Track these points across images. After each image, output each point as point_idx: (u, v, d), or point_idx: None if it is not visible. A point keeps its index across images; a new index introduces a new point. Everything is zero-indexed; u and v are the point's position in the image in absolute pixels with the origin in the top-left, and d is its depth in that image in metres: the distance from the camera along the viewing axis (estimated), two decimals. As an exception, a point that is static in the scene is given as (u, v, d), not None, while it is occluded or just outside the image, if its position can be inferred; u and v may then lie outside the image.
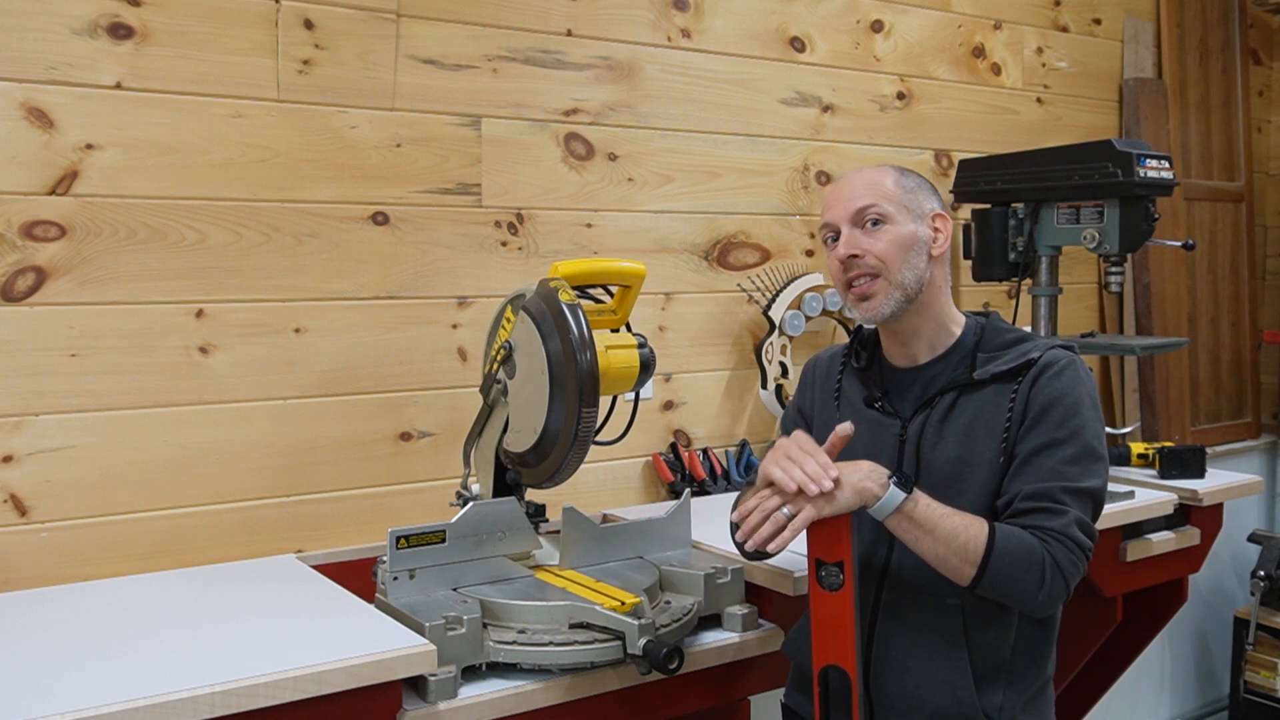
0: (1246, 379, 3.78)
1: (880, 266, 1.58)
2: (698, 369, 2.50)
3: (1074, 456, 1.52)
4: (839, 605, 1.50)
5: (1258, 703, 3.51)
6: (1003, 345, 1.62)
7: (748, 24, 2.55)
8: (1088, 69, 3.27)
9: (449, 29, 2.14)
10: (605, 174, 2.35)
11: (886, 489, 1.47)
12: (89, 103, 1.81)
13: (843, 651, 1.51)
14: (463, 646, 1.55)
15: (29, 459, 1.78)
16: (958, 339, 1.64)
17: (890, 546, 1.59)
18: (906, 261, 1.59)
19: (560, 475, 1.73)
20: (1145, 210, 2.32)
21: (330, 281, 2.03)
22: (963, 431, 1.57)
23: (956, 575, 1.48)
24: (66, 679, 1.36)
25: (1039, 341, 1.61)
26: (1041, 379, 1.55)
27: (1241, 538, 3.57)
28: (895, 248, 1.59)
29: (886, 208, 1.60)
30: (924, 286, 1.60)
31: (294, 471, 2.00)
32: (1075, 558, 1.49)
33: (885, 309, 1.59)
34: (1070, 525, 1.49)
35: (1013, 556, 1.46)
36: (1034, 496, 1.50)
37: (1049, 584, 1.47)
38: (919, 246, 1.60)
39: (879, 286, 1.59)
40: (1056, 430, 1.53)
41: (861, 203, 1.60)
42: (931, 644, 1.57)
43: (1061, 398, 1.54)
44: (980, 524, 1.48)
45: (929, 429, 1.59)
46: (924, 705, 1.56)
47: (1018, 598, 1.49)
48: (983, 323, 1.66)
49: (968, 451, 1.56)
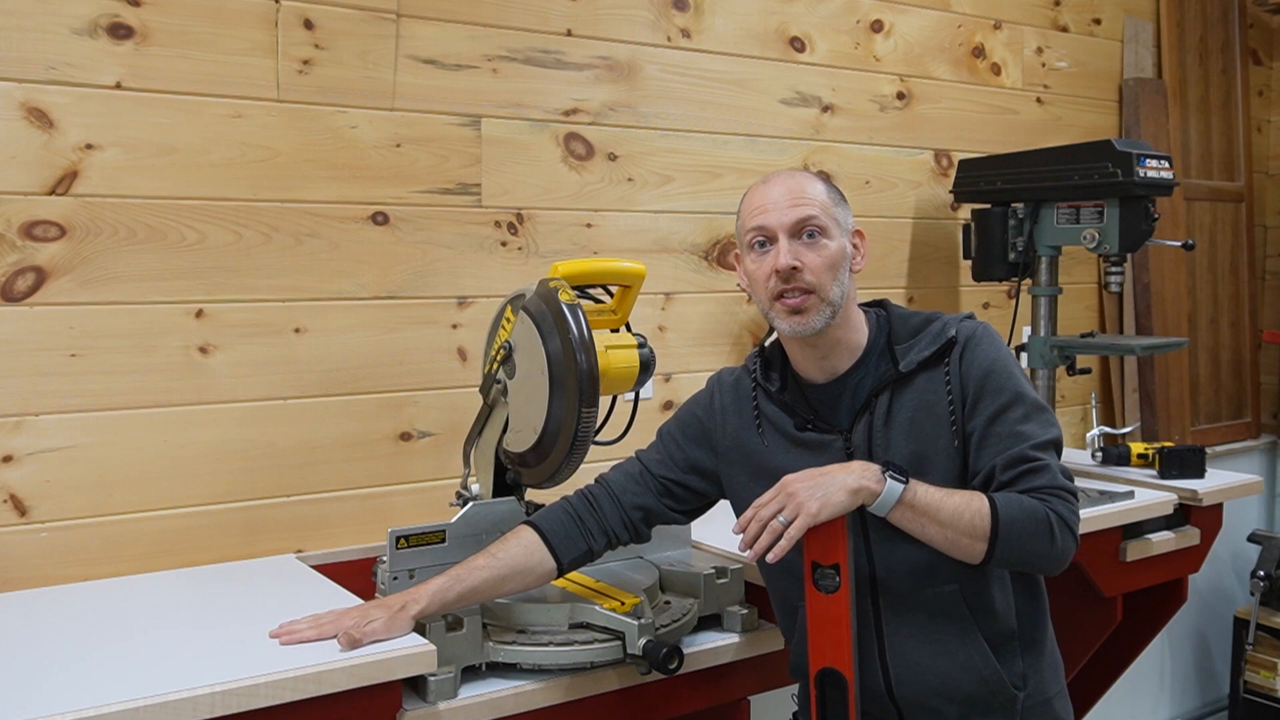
0: (1246, 379, 3.78)
1: (815, 284, 1.56)
2: (698, 369, 2.50)
3: (1024, 415, 1.54)
4: (835, 608, 1.49)
5: (1258, 703, 3.51)
6: (913, 331, 1.62)
7: (747, 24, 2.55)
8: (1088, 69, 3.27)
9: (449, 29, 2.14)
10: (605, 174, 2.35)
11: (884, 483, 1.46)
12: (89, 103, 1.81)
13: (839, 654, 1.50)
14: (463, 646, 1.55)
15: (29, 459, 1.78)
16: (869, 339, 1.63)
17: (870, 554, 1.57)
18: (837, 279, 1.57)
19: (560, 475, 1.73)
20: (1145, 210, 2.32)
21: (330, 281, 2.03)
22: (908, 426, 1.57)
23: (968, 554, 1.48)
24: (66, 679, 1.36)
25: (947, 319, 1.61)
26: (966, 354, 1.57)
27: (1241, 538, 3.57)
28: (829, 265, 1.56)
29: (824, 220, 1.57)
30: (846, 301, 1.59)
31: (294, 471, 2.00)
32: (1072, 505, 1.51)
33: (816, 324, 1.57)
34: (1056, 476, 1.51)
35: (1019, 522, 1.47)
36: (1010, 464, 1.51)
37: (1060, 538, 1.48)
38: (844, 263, 1.59)
39: (812, 303, 1.56)
40: (999, 397, 1.54)
41: (804, 212, 1.56)
42: (943, 635, 1.56)
43: (991, 365, 1.56)
44: (979, 497, 1.49)
45: (875, 434, 1.58)
46: (954, 695, 1.56)
47: (1033, 560, 1.50)
48: (883, 315, 1.66)
49: (920, 445, 1.56)
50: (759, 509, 1.48)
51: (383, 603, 1.53)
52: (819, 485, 1.46)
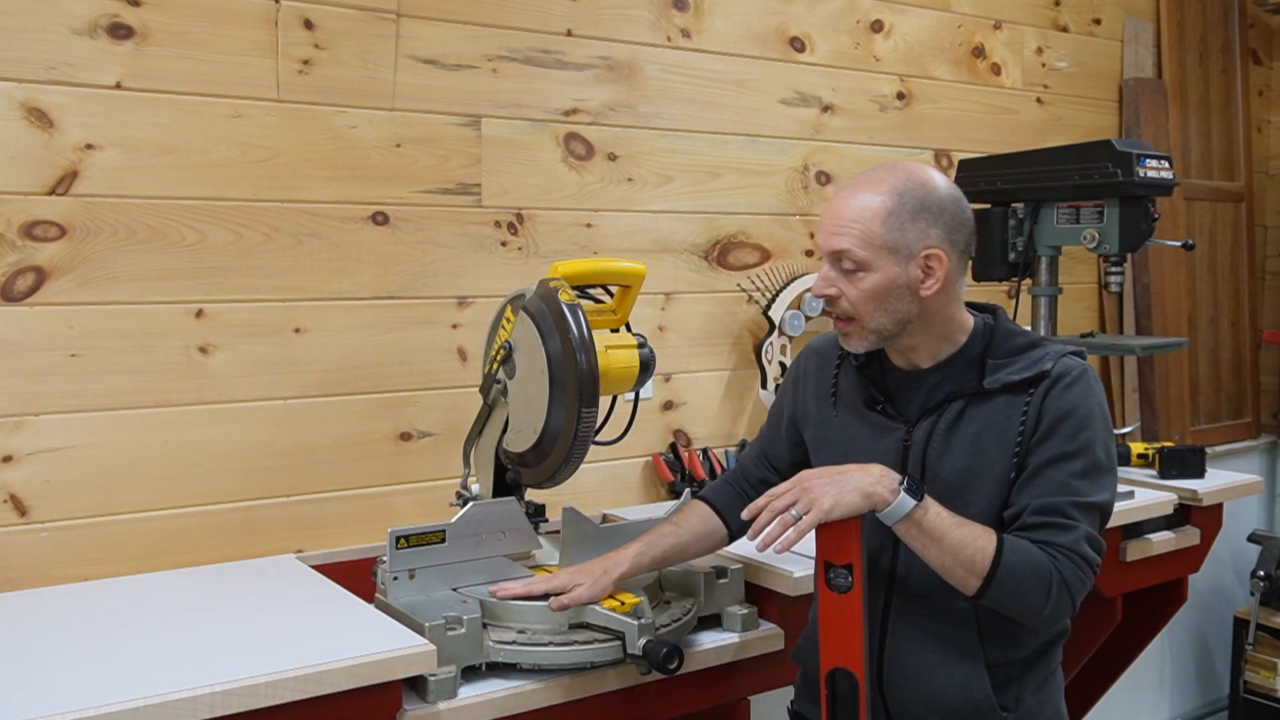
0: (1246, 379, 3.78)
1: (852, 313, 1.54)
2: (698, 369, 2.50)
3: (1083, 470, 1.49)
4: (847, 608, 1.49)
5: (1258, 703, 3.51)
6: (1012, 352, 1.56)
7: (747, 24, 2.55)
8: (1088, 69, 3.27)
9: (449, 29, 2.14)
10: (605, 174, 2.35)
11: (897, 495, 1.45)
12: (89, 103, 1.81)
13: (850, 654, 1.50)
14: (463, 646, 1.55)
15: (29, 459, 1.78)
16: (963, 345, 1.59)
17: (895, 550, 1.57)
18: (882, 308, 1.53)
19: (560, 475, 1.73)
20: (1145, 210, 2.32)
21: (330, 281, 2.03)
22: (971, 442, 1.53)
23: (961, 585, 1.47)
24: (66, 679, 1.36)
25: (1050, 348, 1.56)
26: (1054, 390, 1.51)
27: (1241, 538, 3.57)
28: (868, 297, 1.52)
29: (861, 254, 1.50)
30: (911, 320, 1.54)
31: (294, 471, 2.00)
32: (1083, 574, 1.47)
33: (861, 347, 1.57)
34: (1079, 541, 1.46)
35: (1020, 572, 1.44)
36: (1043, 511, 1.48)
37: (1055, 600, 1.45)
38: (898, 292, 1.52)
39: (853, 329, 1.56)
40: (1067, 444, 1.49)
41: (837, 245, 1.52)
42: (945, 649, 1.55)
43: (1074, 410, 1.50)
44: (989, 536, 1.46)
45: (936, 437, 1.55)
46: (940, 708, 1.55)
47: (1022, 612, 1.47)
48: (990, 324, 1.60)
49: (977, 463, 1.53)
50: (772, 499, 1.48)
51: (584, 568, 1.65)
52: (835, 483, 1.46)
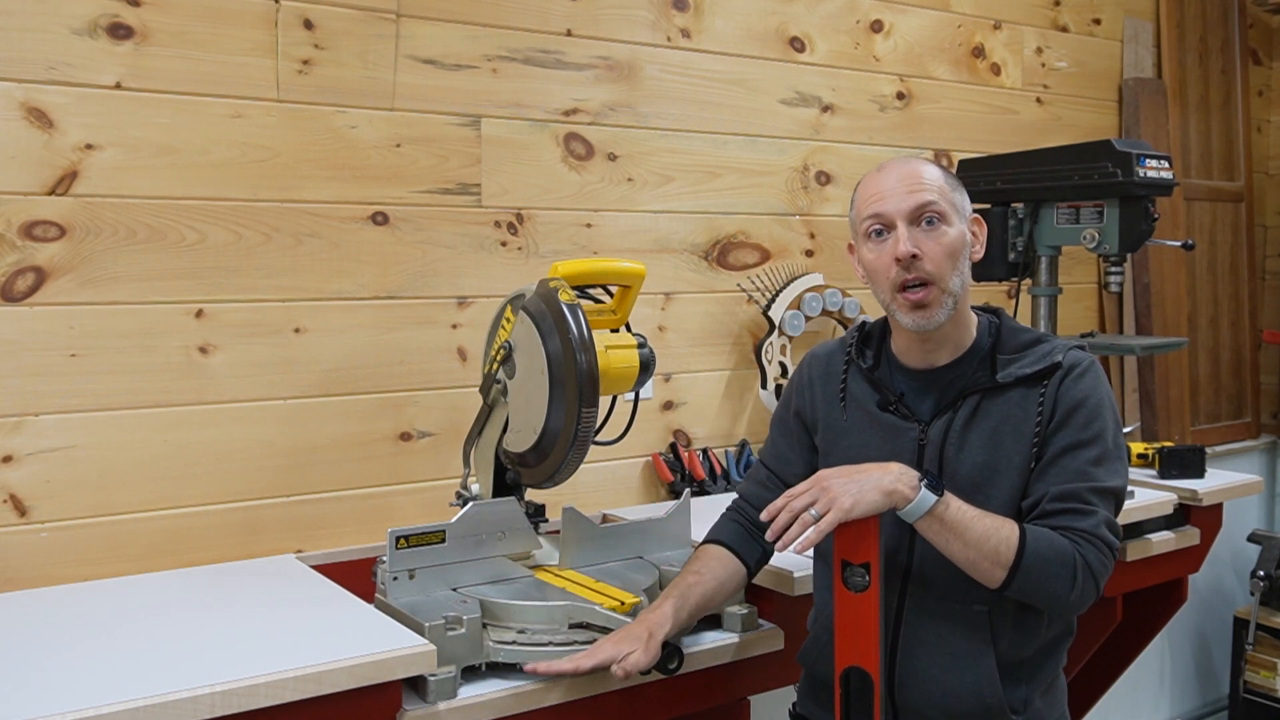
0: (1246, 379, 3.78)
1: (935, 274, 1.52)
2: (697, 369, 2.50)
3: (1098, 457, 1.51)
4: (864, 606, 1.49)
5: (1258, 703, 3.51)
6: (1021, 346, 1.59)
7: (747, 24, 2.55)
8: (1087, 69, 3.27)
9: (449, 29, 2.14)
10: (605, 174, 2.35)
11: (918, 491, 1.45)
12: (89, 103, 1.81)
13: (866, 653, 1.50)
14: (462, 646, 1.55)
15: (29, 459, 1.78)
16: (975, 341, 1.61)
17: (911, 549, 1.57)
18: (956, 269, 1.54)
19: (560, 475, 1.73)
20: (1145, 210, 2.32)
21: (330, 281, 2.03)
22: (989, 436, 1.55)
23: (987, 578, 1.47)
24: (66, 679, 1.36)
25: (1057, 342, 1.59)
26: (1067, 381, 1.54)
27: (1241, 538, 3.57)
28: (948, 253, 1.53)
29: (944, 206, 1.52)
30: (960, 296, 1.56)
31: (294, 471, 2.00)
32: (1105, 558, 1.48)
33: (940, 318, 1.54)
34: (1100, 525, 1.48)
35: (1044, 559, 1.45)
36: (1062, 498, 1.49)
37: (1080, 585, 1.46)
38: (964, 250, 1.55)
39: (933, 295, 1.53)
40: (1081, 432, 1.52)
41: (923, 197, 1.52)
42: (958, 652, 1.55)
43: (1086, 399, 1.53)
44: (1011, 526, 1.47)
45: (953, 434, 1.56)
46: (950, 710, 1.55)
47: (1048, 600, 1.48)
48: (995, 322, 1.63)
49: (995, 457, 1.54)
50: (791, 499, 1.48)
51: (626, 633, 1.55)
52: (854, 481, 1.46)
